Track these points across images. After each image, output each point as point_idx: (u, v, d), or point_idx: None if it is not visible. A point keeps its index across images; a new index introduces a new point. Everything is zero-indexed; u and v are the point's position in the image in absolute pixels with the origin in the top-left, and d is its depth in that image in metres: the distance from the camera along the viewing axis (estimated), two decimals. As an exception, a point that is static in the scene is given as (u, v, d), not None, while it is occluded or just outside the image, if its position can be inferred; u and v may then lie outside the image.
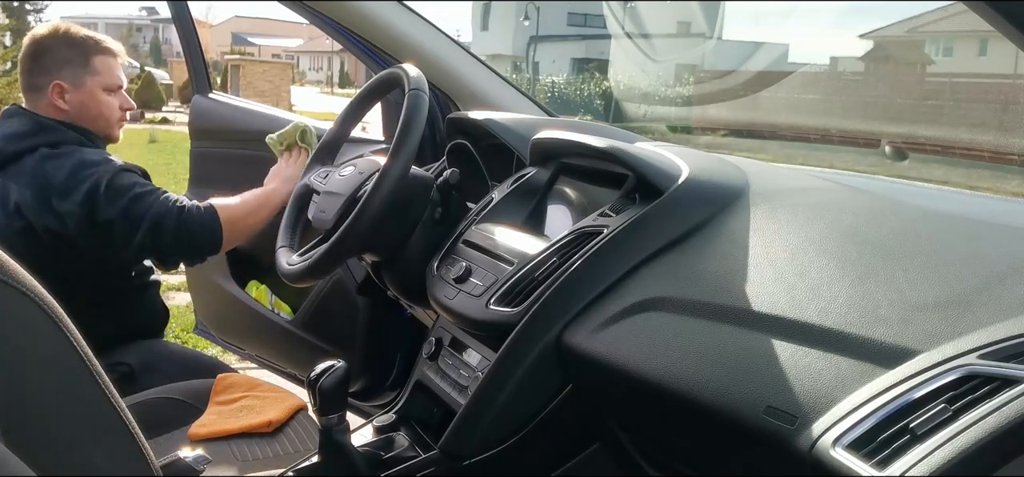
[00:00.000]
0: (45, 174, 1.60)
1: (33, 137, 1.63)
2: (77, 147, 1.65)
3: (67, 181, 1.58)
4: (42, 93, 1.69)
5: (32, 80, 1.70)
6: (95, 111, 1.72)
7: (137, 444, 0.65)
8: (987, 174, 3.14)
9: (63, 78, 1.68)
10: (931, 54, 15.43)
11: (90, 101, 1.71)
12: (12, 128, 1.66)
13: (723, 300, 0.95)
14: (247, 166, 2.24)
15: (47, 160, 1.61)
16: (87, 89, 1.70)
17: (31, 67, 1.70)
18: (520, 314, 1.09)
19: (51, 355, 0.60)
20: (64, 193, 1.58)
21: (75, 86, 1.69)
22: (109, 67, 1.74)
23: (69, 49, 1.70)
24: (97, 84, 1.71)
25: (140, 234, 1.59)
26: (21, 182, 1.60)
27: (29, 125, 1.66)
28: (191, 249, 1.67)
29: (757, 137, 4.77)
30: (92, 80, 1.71)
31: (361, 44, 1.94)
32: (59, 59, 1.69)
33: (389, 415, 1.35)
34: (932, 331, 0.77)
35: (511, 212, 1.36)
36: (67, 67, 1.69)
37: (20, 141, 1.63)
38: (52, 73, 1.68)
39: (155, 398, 1.53)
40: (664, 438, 1.03)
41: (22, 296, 0.57)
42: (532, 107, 1.96)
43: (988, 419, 0.65)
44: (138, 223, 1.59)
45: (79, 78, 1.70)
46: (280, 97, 18.85)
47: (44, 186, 1.59)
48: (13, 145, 1.63)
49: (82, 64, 1.70)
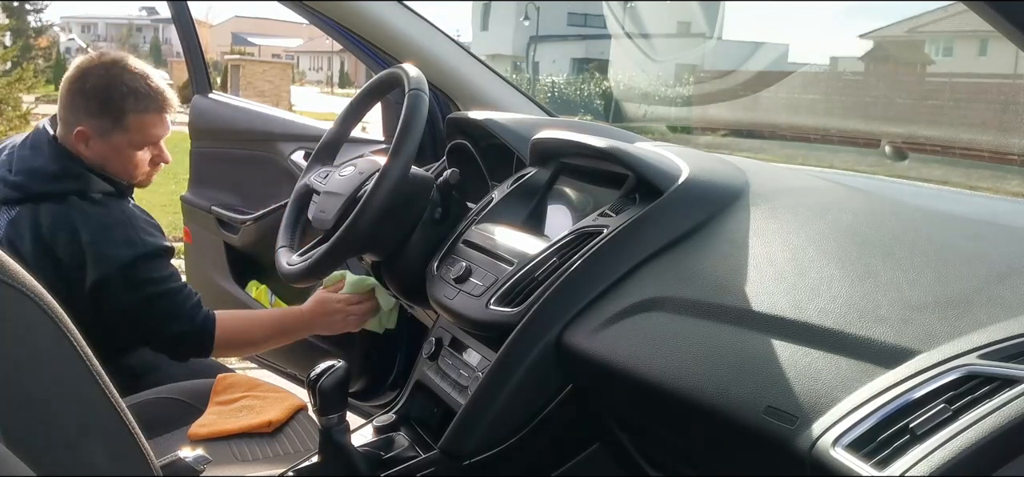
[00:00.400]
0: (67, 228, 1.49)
1: (61, 181, 1.52)
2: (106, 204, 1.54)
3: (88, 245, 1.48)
4: (66, 128, 1.56)
5: (65, 113, 1.56)
6: (118, 165, 1.58)
7: (137, 444, 0.65)
8: (987, 174, 3.14)
9: (90, 127, 1.54)
10: (931, 54, 15.43)
11: (112, 155, 1.56)
12: (39, 164, 1.54)
13: (723, 300, 0.95)
14: (247, 166, 2.25)
15: (69, 215, 1.51)
16: (111, 143, 1.55)
17: (68, 101, 1.56)
18: (520, 314, 1.09)
19: (51, 355, 0.60)
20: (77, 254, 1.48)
21: (100, 137, 1.55)
22: (143, 126, 1.56)
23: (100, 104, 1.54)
24: (124, 141, 1.56)
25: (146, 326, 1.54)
26: (38, 225, 1.50)
27: (57, 165, 1.53)
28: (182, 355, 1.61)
29: (757, 137, 4.77)
30: (119, 137, 1.56)
31: (361, 44, 1.94)
32: (90, 110, 1.54)
33: (389, 415, 1.35)
34: (932, 331, 0.77)
35: (511, 212, 1.36)
36: (93, 119, 1.54)
37: (47, 182, 1.52)
38: (79, 118, 1.54)
39: (155, 398, 1.53)
40: (664, 438, 1.03)
41: (22, 296, 0.58)
42: (532, 107, 1.96)
43: (988, 419, 0.65)
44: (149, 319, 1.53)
45: (106, 132, 1.55)
46: (280, 97, 18.85)
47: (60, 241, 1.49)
48: (39, 184, 1.52)
49: (114, 120, 1.55)
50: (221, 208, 2.26)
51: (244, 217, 2.19)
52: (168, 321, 1.53)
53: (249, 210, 2.19)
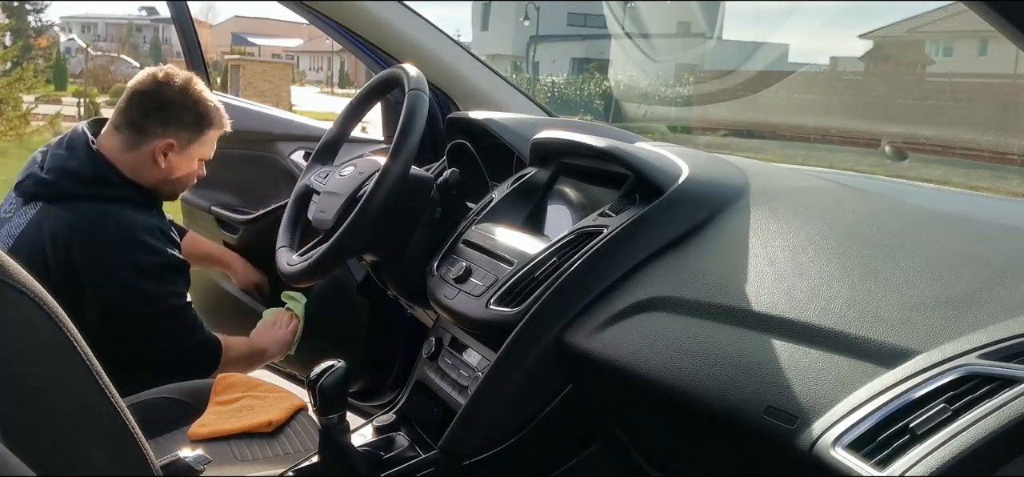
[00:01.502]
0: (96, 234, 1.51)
1: (93, 186, 1.54)
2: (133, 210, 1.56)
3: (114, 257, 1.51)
4: (144, 138, 1.58)
5: (143, 122, 1.58)
6: (183, 179, 1.66)
7: (137, 444, 0.65)
8: (987, 174, 3.14)
9: (178, 139, 1.60)
10: (931, 54, 15.43)
11: (185, 168, 1.64)
12: (73, 165, 1.55)
13: (723, 300, 0.95)
14: (247, 166, 2.25)
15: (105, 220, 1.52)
16: (189, 157, 1.64)
17: (149, 110, 1.59)
18: (520, 314, 1.09)
19: (51, 355, 0.60)
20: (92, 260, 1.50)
21: (181, 151, 1.61)
22: (213, 142, 1.68)
23: (195, 116, 1.62)
24: (197, 154, 1.65)
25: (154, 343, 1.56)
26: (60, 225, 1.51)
27: (92, 170, 1.55)
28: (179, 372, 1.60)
29: (757, 137, 4.77)
30: (197, 150, 1.64)
31: (361, 44, 1.94)
32: (183, 122, 1.60)
33: (389, 415, 1.35)
34: (932, 331, 0.77)
35: (511, 212, 1.36)
36: (185, 131, 1.61)
37: (79, 184, 1.53)
38: (169, 130, 1.59)
39: (155, 398, 1.53)
40: (664, 438, 1.03)
41: (22, 296, 0.57)
42: (532, 107, 1.96)
43: (988, 419, 0.65)
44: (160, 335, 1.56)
45: (189, 146, 1.62)
46: (280, 97, 18.85)
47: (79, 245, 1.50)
48: (70, 185, 1.53)
49: (197, 132, 1.63)
50: (221, 208, 2.26)
51: (244, 217, 2.19)
52: (179, 338, 1.57)
53: (249, 210, 2.19)
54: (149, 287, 1.54)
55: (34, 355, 0.59)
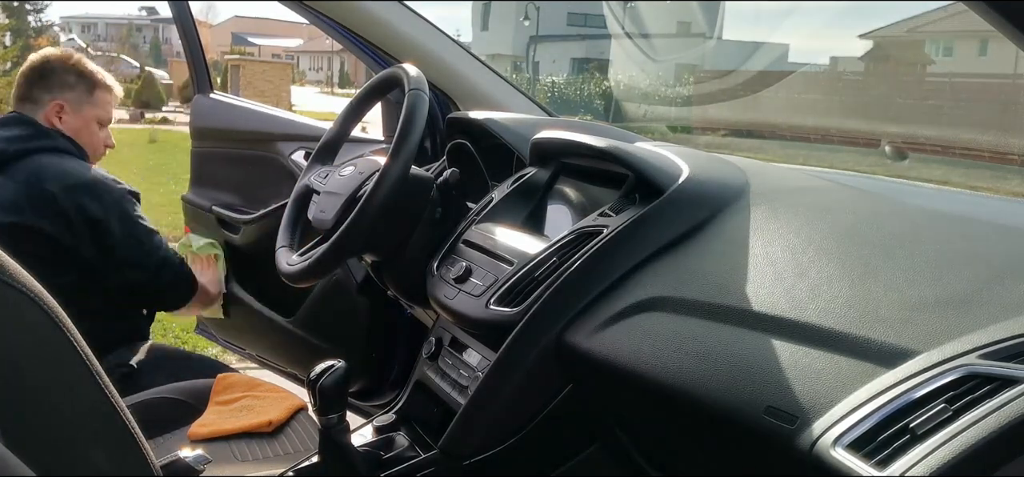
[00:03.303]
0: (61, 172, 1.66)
1: (38, 139, 1.70)
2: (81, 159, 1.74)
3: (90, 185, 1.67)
4: (39, 106, 1.76)
5: (33, 92, 1.77)
6: (86, 138, 1.80)
7: (137, 444, 0.65)
8: (987, 174, 3.13)
9: (66, 100, 1.77)
10: (931, 54, 15.41)
11: (83, 128, 1.79)
12: (15, 132, 1.71)
13: (723, 300, 0.95)
14: (247, 166, 2.25)
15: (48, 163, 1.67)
16: (83, 116, 1.79)
17: (35, 81, 1.77)
18: (520, 314, 1.09)
19: (51, 355, 0.60)
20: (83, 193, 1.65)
21: (74, 110, 1.78)
22: (106, 103, 1.84)
23: (77, 77, 1.79)
24: (93, 115, 1.81)
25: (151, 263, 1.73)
26: (20, 178, 1.64)
27: (31, 129, 1.72)
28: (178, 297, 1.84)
29: (757, 137, 4.76)
30: (90, 110, 1.81)
31: (361, 44, 1.94)
32: (65, 82, 1.77)
33: (389, 415, 1.35)
34: (932, 331, 0.77)
35: (511, 212, 1.36)
36: (71, 91, 1.78)
37: (24, 142, 1.68)
38: (54, 92, 1.76)
39: (155, 398, 1.53)
40: (664, 438, 1.03)
41: (22, 296, 0.57)
42: (532, 107, 1.96)
43: (988, 419, 0.65)
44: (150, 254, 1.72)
45: (80, 104, 1.79)
46: (280, 97, 18.85)
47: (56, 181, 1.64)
48: (16, 145, 1.68)
49: (86, 93, 1.80)
50: (222, 208, 2.26)
51: (244, 217, 2.19)
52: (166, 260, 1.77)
53: (250, 210, 2.19)
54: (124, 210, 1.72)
55: (34, 355, 0.59)
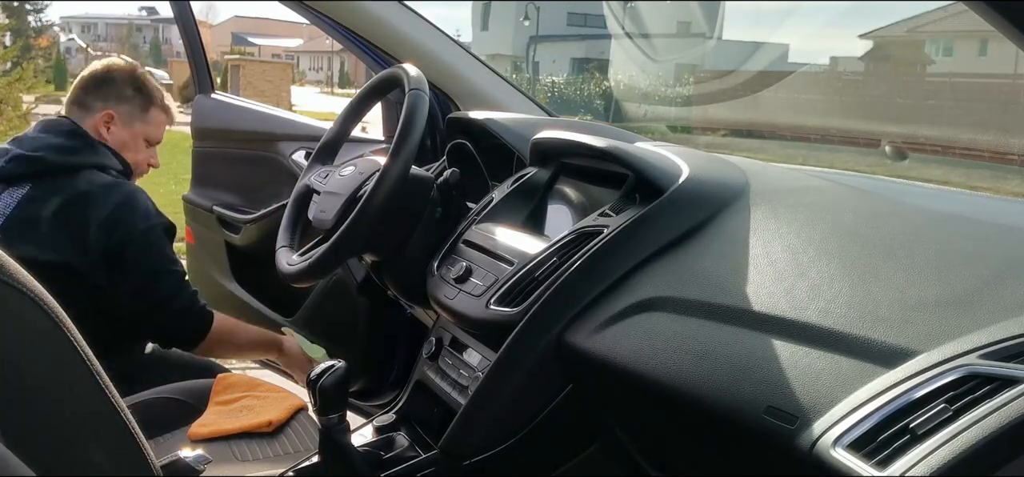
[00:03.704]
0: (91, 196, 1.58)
1: (79, 154, 1.63)
2: (125, 181, 1.67)
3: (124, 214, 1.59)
4: (89, 113, 1.70)
5: (87, 98, 1.71)
6: (130, 155, 1.74)
7: (137, 444, 0.65)
8: (987, 174, 3.14)
9: (118, 111, 1.71)
10: (931, 54, 15.40)
11: (129, 142, 1.73)
12: (57, 141, 1.64)
13: (723, 300, 0.95)
14: (248, 166, 2.25)
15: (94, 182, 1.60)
16: (132, 131, 1.74)
17: (92, 88, 1.72)
18: (520, 314, 1.09)
19: (51, 355, 0.60)
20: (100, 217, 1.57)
21: (124, 124, 1.72)
22: (159, 123, 1.79)
23: (135, 91, 1.74)
24: (142, 132, 1.75)
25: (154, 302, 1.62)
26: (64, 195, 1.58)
27: (75, 141, 1.65)
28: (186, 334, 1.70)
29: (757, 137, 4.76)
30: (140, 127, 1.75)
31: (361, 44, 1.94)
32: (122, 95, 1.72)
33: (389, 415, 1.35)
34: (932, 331, 0.77)
35: (511, 212, 1.36)
36: (126, 104, 1.72)
37: (65, 155, 1.62)
38: (109, 102, 1.71)
39: (155, 398, 1.53)
40: (664, 438, 1.03)
41: (22, 296, 0.57)
42: (532, 107, 1.96)
43: (988, 419, 0.65)
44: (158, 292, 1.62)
45: (131, 119, 1.73)
46: (280, 97, 18.85)
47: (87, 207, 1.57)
48: (57, 156, 1.61)
49: (140, 109, 1.74)
50: (223, 208, 2.27)
51: (245, 217, 2.19)
52: (174, 296, 1.64)
53: (250, 210, 2.19)
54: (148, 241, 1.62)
55: (34, 355, 0.59)
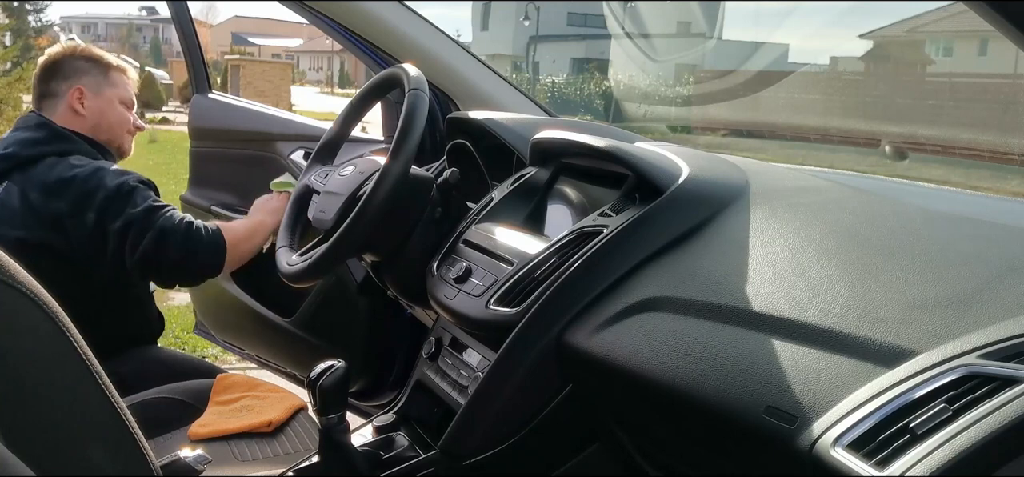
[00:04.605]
0: (54, 179, 1.61)
1: (46, 145, 1.67)
2: (88, 158, 1.68)
3: (77, 186, 1.60)
4: (59, 100, 1.74)
5: (50, 87, 1.75)
6: (113, 118, 1.78)
7: (137, 444, 0.65)
8: (987, 174, 3.14)
9: (84, 84, 1.74)
10: (931, 54, 15.42)
11: (108, 109, 1.77)
12: (29, 135, 1.68)
13: (723, 300, 0.95)
14: (247, 166, 2.25)
15: (55, 167, 1.63)
16: (106, 97, 1.77)
17: (48, 76, 1.75)
18: (520, 314, 1.09)
19: (51, 355, 0.60)
20: (71, 197, 1.59)
21: (95, 93, 1.75)
22: (124, 83, 1.82)
23: (88, 62, 1.77)
24: (114, 96, 1.79)
25: (145, 243, 1.58)
26: (29, 186, 1.61)
27: (44, 133, 1.69)
28: (193, 269, 1.67)
29: (757, 137, 4.77)
30: (110, 91, 1.78)
31: (361, 44, 1.94)
32: (79, 68, 1.76)
33: (389, 415, 1.35)
34: (932, 331, 0.77)
35: (511, 212, 1.36)
36: (87, 75, 1.76)
37: (33, 147, 1.66)
38: (71, 80, 1.74)
39: (155, 398, 1.53)
40: (664, 438, 1.03)
41: (22, 296, 0.57)
42: (532, 107, 1.96)
43: (988, 419, 0.65)
44: (143, 233, 1.59)
45: (99, 86, 1.76)
46: (280, 97, 18.84)
47: (51, 190, 1.60)
48: (27, 150, 1.66)
49: (101, 75, 1.78)
50: (221, 208, 2.26)
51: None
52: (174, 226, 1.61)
53: (248, 210, 2.19)
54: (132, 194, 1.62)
55: (34, 355, 0.59)
